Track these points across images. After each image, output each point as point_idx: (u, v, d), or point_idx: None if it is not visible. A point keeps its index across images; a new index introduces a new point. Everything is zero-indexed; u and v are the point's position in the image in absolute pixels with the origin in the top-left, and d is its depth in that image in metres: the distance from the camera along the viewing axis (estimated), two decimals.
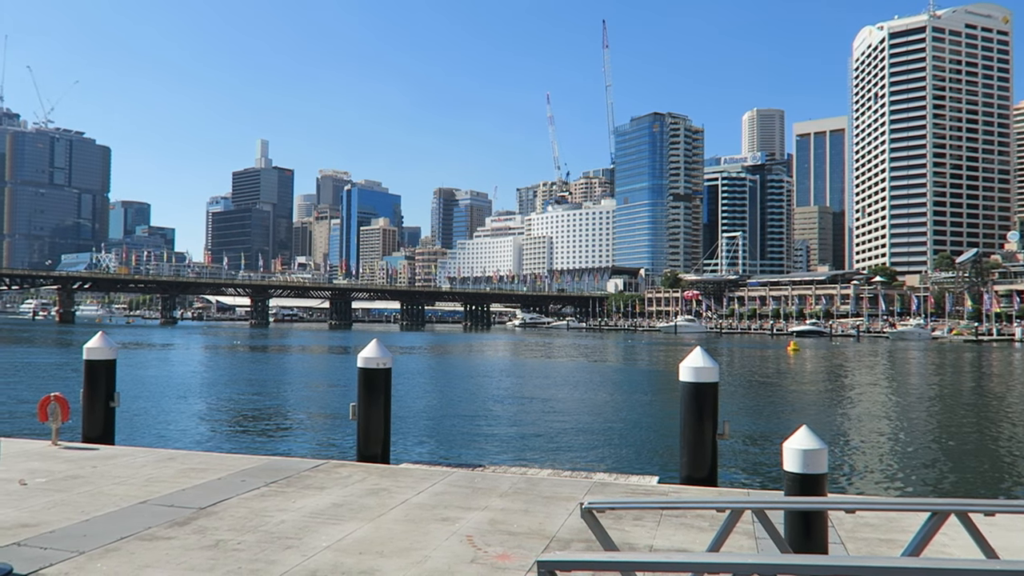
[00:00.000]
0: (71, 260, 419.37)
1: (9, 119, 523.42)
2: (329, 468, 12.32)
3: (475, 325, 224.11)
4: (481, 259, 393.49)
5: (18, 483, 10.66)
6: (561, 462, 20.69)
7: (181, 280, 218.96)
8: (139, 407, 30.66)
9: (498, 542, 8.24)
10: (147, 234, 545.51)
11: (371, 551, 7.86)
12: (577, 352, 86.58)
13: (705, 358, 11.68)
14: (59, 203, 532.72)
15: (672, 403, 35.24)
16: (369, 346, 13.52)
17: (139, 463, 12.46)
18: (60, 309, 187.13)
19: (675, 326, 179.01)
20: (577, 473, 13.47)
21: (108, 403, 14.90)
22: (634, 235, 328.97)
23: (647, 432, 27.52)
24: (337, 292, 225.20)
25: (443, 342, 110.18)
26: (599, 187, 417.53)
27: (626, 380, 51.07)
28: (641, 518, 9.27)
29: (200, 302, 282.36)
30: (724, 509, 6.09)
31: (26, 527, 8.58)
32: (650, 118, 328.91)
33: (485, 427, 28.02)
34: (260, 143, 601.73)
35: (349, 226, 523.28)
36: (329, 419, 29.86)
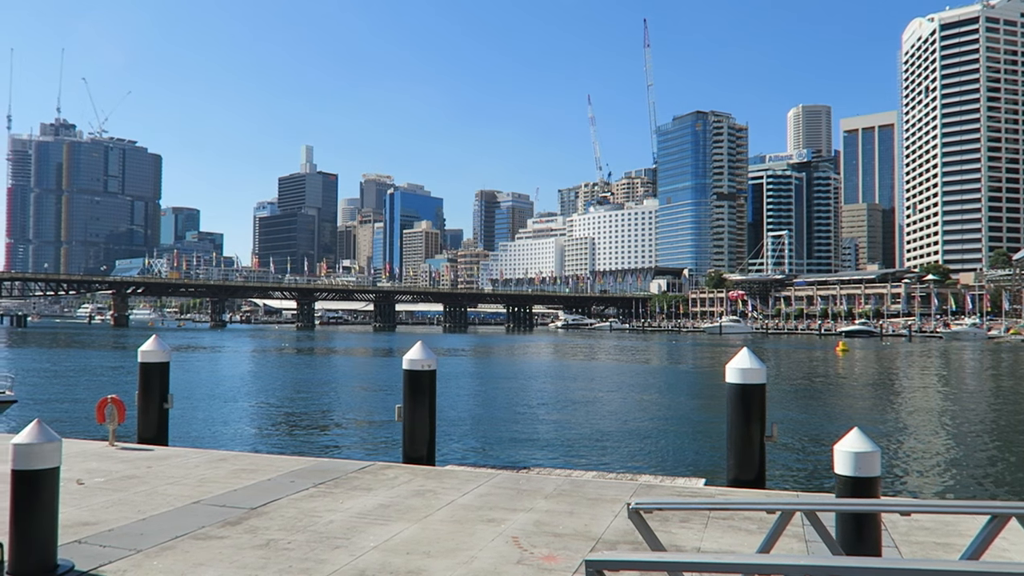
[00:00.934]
0: (125, 265, 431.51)
1: (66, 130, 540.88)
2: (376, 470, 12.46)
3: (517, 327, 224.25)
4: (523, 261, 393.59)
5: (76, 483, 11.01)
6: (606, 464, 20.60)
7: (229, 284, 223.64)
8: (191, 409, 31.39)
9: (544, 543, 8.24)
10: (197, 239, 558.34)
11: (418, 551, 7.93)
12: (620, 353, 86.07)
13: (752, 359, 11.51)
14: (113, 210, 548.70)
15: (718, 405, 34.82)
16: (414, 348, 13.63)
17: (192, 464, 12.77)
18: (115, 313, 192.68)
19: (720, 327, 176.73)
20: (622, 475, 13.39)
21: (162, 405, 15.30)
22: (677, 235, 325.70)
23: (692, 434, 27.21)
24: (381, 295, 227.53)
25: (486, 344, 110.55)
26: (641, 187, 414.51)
27: (670, 382, 50.59)
28: (688, 520, 9.18)
29: (248, 305, 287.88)
30: (774, 511, 6.01)
31: (86, 525, 8.86)
32: (692, 117, 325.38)
33: (529, 429, 28.02)
34: (305, 149, 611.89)
35: (392, 229, 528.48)
36: (374, 421, 30.19)
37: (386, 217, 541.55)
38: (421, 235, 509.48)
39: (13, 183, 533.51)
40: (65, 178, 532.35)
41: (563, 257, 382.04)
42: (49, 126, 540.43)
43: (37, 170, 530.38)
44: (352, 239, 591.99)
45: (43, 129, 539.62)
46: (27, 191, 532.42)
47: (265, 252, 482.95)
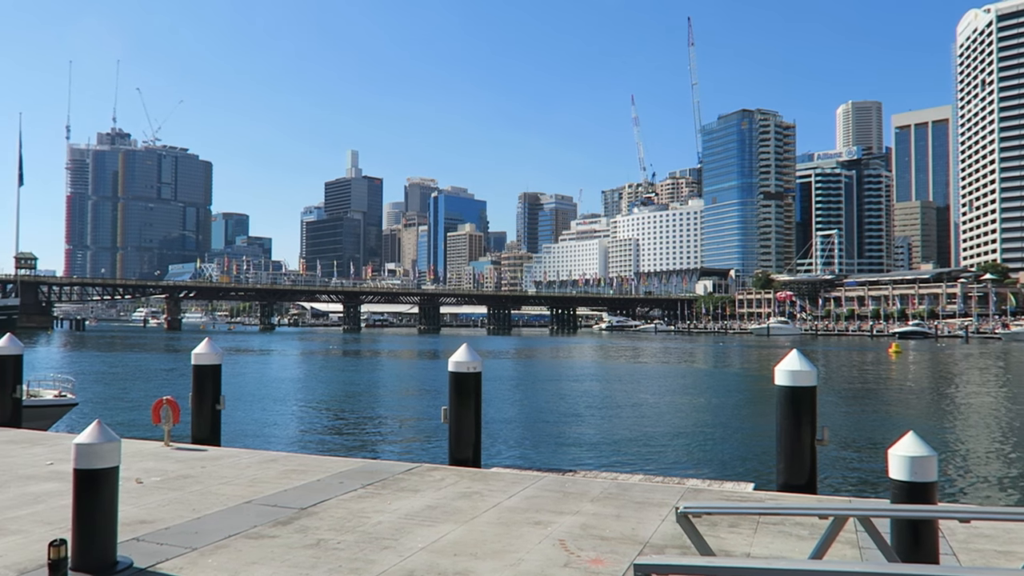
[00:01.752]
0: (177, 270, 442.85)
1: (121, 139, 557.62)
2: (422, 471, 12.57)
3: (561, 329, 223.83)
4: (567, 263, 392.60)
5: (135, 481, 11.33)
6: (652, 467, 20.43)
7: (278, 288, 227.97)
8: (242, 410, 32.05)
9: (591, 547, 8.21)
10: (246, 244, 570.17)
11: (465, 553, 7.97)
12: (666, 355, 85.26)
13: (802, 361, 11.30)
14: (166, 216, 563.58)
15: (766, 408, 34.25)
16: (459, 351, 13.70)
17: (244, 464, 13.04)
18: (168, 317, 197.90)
19: (768, 328, 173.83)
20: (669, 479, 13.27)
21: (214, 406, 15.66)
22: (723, 235, 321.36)
23: (740, 437, 26.82)
24: (426, 297, 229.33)
25: (530, 346, 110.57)
26: (686, 187, 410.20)
27: (718, 384, 49.93)
28: (737, 525, 9.06)
29: (296, 308, 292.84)
30: (827, 516, 5.90)
31: (144, 523, 9.12)
32: (738, 115, 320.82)
33: (574, 431, 27.95)
34: (350, 154, 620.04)
35: (436, 232, 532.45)
36: (420, 422, 30.42)
37: (430, 220, 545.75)
38: (465, 238, 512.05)
39: (72, 191, 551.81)
40: (120, 186, 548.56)
41: (607, 259, 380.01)
42: (105, 135, 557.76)
43: (94, 178, 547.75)
44: (397, 242, 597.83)
45: (100, 139, 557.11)
46: (85, 199, 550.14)
47: (312, 256, 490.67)
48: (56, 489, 10.89)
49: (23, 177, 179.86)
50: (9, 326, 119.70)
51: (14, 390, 18.73)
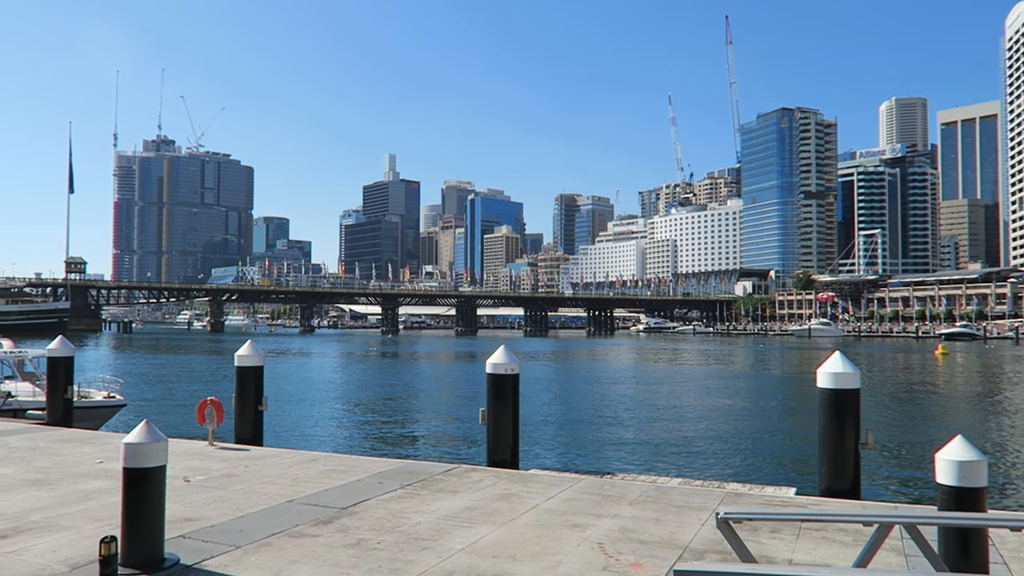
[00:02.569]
0: (220, 273, 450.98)
1: (166, 145, 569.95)
2: (461, 472, 12.63)
3: (598, 330, 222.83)
4: (604, 264, 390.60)
5: (182, 480, 11.59)
6: (691, 471, 20.24)
7: (317, 290, 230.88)
8: (283, 411, 32.54)
9: (630, 550, 8.17)
10: (286, 247, 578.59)
11: (504, 555, 7.99)
12: (705, 357, 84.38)
13: (845, 363, 11.11)
14: (209, 221, 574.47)
15: (808, 411, 33.69)
16: (497, 352, 13.74)
17: (285, 464, 13.25)
18: (211, 319, 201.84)
19: (809, 329, 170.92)
20: (708, 482, 13.14)
21: (257, 407, 15.93)
22: (763, 236, 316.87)
23: (781, 441, 26.42)
24: (463, 299, 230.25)
25: (567, 348, 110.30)
26: (724, 187, 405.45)
27: (758, 386, 49.27)
28: (779, 530, 8.93)
29: (335, 311, 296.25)
30: (871, 523, 5.79)
31: (189, 521, 9.32)
32: (778, 114, 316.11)
33: (612, 434, 27.82)
34: (388, 157, 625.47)
35: (473, 234, 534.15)
36: (458, 424, 30.56)
37: (467, 222, 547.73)
38: (501, 240, 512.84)
39: (119, 197, 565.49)
40: (166, 191, 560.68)
41: (644, 260, 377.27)
42: (151, 142, 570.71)
43: (140, 184, 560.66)
44: (434, 245, 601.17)
45: (146, 146, 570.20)
46: (132, 204, 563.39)
47: (351, 259, 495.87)
48: (106, 487, 11.19)
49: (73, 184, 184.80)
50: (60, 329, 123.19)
51: (66, 391, 19.30)
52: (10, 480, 11.72)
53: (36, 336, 79.38)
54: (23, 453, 14.17)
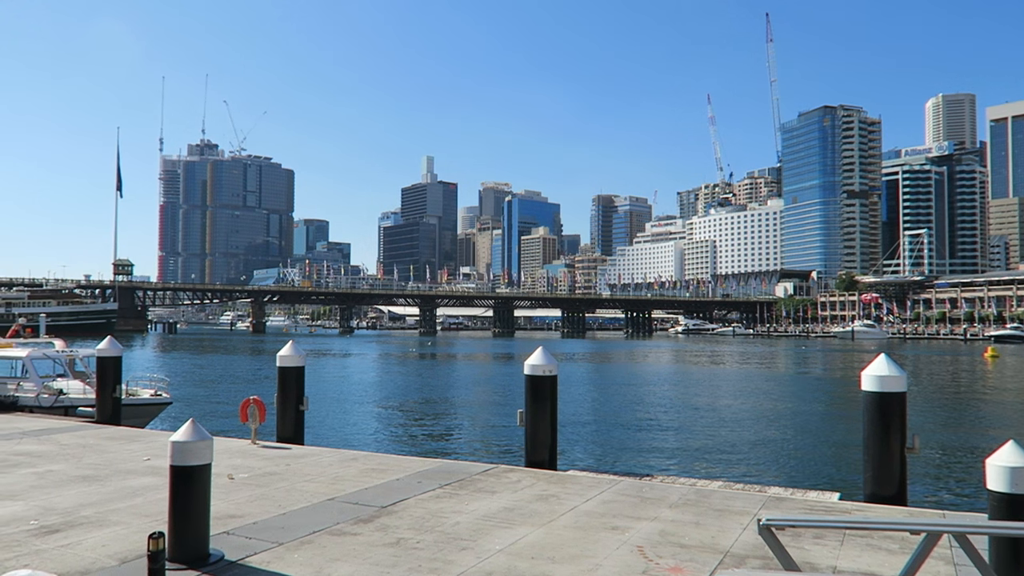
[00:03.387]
0: (261, 275, 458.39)
1: (210, 149, 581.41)
2: (499, 472, 12.65)
3: (636, 332, 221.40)
4: (641, 265, 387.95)
5: (227, 478, 11.81)
6: (731, 474, 20.00)
7: (356, 292, 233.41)
8: (324, 410, 32.95)
9: (669, 554, 8.10)
10: (326, 249, 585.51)
11: (543, 556, 7.99)
12: (745, 359, 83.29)
13: (891, 365, 10.88)
14: (251, 223, 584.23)
15: (851, 414, 33.05)
16: (535, 354, 13.74)
17: (326, 462, 13.42)
18: (253, 320, 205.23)
19: (852, 331, 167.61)
20: (750, 486, 12.96)
21: (298, 406, 16.16)
22: (804, 236, 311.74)
23: (824, 445, 25.97)
24: (500, 301, 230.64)
25: (605, 349, 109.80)
26: (765, 187, 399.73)
27: (799, 389, 48.48)
28: (822, 536, 8.77)
29: (374, 312, 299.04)
30: (919, 532, 5.66)
31: (233, 518, 9.49)
32: (820, 112, 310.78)
33: (650, 436, 27.62)
34: (426, 159, 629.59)
35: (510, 236, 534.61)
36: (496, 424, 30.62)
37: (504, 224, 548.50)
38: (539, 241, 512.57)
39: (165, 200, 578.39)
40: (209, 194, 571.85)
41: (683, 261, 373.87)
42: (195, 147, 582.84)
43: (185, 188, 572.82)
44: (471, 246, 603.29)
45: (190, 150, 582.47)
46: (176, 208, 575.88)
47: (389, 260, 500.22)
48: (153, 483, 11.45)
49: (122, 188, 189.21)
50: (108, 329, 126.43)
51: (114, 390, 19.81)
52: (62, 476, 12.07)
53: (85, 336, 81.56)
54: (74, 450, 14.58)
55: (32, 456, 13.88)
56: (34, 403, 22.33)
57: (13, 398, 22.47)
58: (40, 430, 17.23)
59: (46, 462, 13.27)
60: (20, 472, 12.34)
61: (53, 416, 20.92)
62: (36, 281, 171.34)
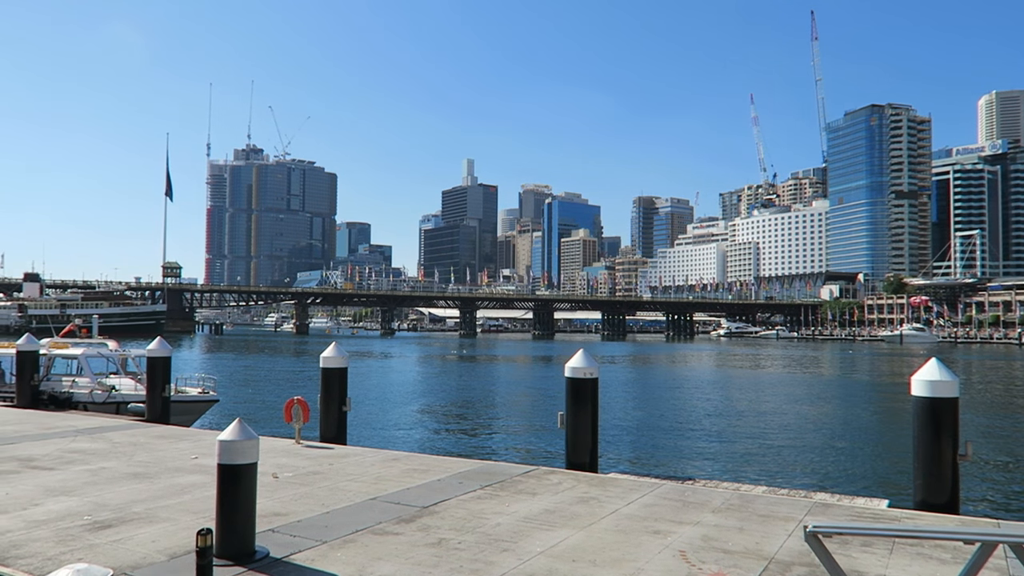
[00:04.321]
0: (305, 277, 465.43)
1: (255, 154, 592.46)
2: (539, 474, 12.64)
3: (678, 335, 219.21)
4: (683, 267, 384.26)
5: (271, 476, 12.00)
6: (776, 479, 19.68)
7: (398, 294, 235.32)
8: (366, 411, 33.29)
9: (712, 559, 8.00)
10: (368, 252, 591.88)
11: (584, 559, 7.95)
12: (789, 363, 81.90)
13: (942, 370, 10.61)
14: (295, 226, 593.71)
15: (899, 420, 32.30)
16: (576, 356, 13.70)
17: (368, 462, 13.56)
18: (296, 322, 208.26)
19: (900, 335, 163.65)
20: (795, 491, 12.73)
21: (341, 407, 16.35)
22: (850, 237, 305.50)
23: (872, 451, 25.40)
24: (540, 303, 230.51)
25: (645, 352, 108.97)
26: (809, 188, 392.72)
27: (846, 394, 47.50)
28: (870, 544, 8.58)
29: (414, 314, 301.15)
30: (973, 541, 5.50)
31: (278, 516, 9.64)
32: (867, 111, 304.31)
33: (692, 439, 27.33)
34: (466, 162, 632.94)
35: (550, 238, 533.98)
36: (536, 426, 30.59)
37: (544, 226, 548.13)
38: (579, 243, 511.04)
39: (212, 204, 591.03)
40: (254, 198, 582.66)
41: (725, 263, 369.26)
42: (241, 151, 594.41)
43: (231, 192, 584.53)
44: (511, 249, 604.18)
45: (236, 154, 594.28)
46: (223, 211, 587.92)
47: (430, 263, 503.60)
48: (200, 481, 11.70)
49: (172, 192, 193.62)
50: (157, 330, 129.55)
51: (164, 389, 20.31)
52: (114, 473, 12.40)
53: (136, 337, 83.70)
54: (125, 448, 14.97)
55: (86, 453, 14.29)
56: (88, 399, 23.07)
57: (68, 394, 23.24)
58: (93, 428, 17.74)
59: (99, 459, 13.65)
60: (75, 469, 12.72)
61: (106, 414, 21.53)
62: (89, 284, 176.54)
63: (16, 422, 18.62)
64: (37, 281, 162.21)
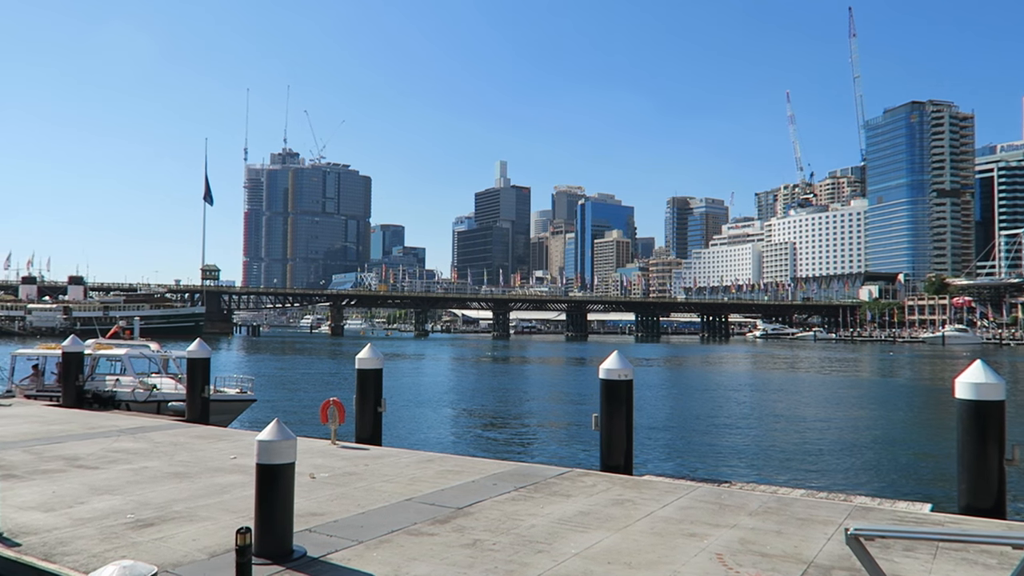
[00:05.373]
0: (340, 280, 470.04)
1: (291, 158, 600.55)
2: (574, 476, 12.61)
3: (712, 336, 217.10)
4: (718, 268, 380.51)
5: (308, 477, 12.14)
6: (814, 482, 19.38)
7: (431, 296, 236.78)
8: (400, 412, 33.51)
9: (750, 563, 7.90)
10: (402, 254, 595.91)
11: (619, 561, 7.91)
12: (828, 365, 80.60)
13: (988, 372, 10.36)
14: (330, 229, 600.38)
15: (943, 423, 31.61)
16: (610, 357, 13.63)
17: (403, 463, 13.65)
18: (331, 323, 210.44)
19: (943, 336, 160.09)
20: (834, 495, 12.52)
21: (376, 408, 16.48)
22: (890, 237, 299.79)
23: (914, 454, 24.89)
24: (573, 304, 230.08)
25: (680, 353, 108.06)
26: (847, 187, 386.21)
27: (886, 396, 46.60)
28: (913, 549, 8.40)
29: (448, 315, 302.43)
30: (1022, 546, 5.35)
31: (315, 516, 9.76)
32: (907, 108, 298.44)
33: (728, 442, 27.04)
34: (499, 164, 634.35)
35: (583, 239, 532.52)
36: (570, 428, 30.52)
37: (577, 227, 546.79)
38: (612, 244, 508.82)
39: (249, 208, 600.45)
40: (290, 201, 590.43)
41: (761, 264, 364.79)
42: (277, 155, 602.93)
43: (268, 195, 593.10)
44: (544, 250, 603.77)
45: (272, 159, 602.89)
46: (260, 215, 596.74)
47: (463, 265, 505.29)
48: (239, 481, 11.88)
49: (211, 196, 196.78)
50: (196, 332, 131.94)
51: (203, 390, 20.68)
52: (156, 472, 12.66)
53: (176, 338, 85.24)
54: (166, 448, 15.27)
55: (128, 453, 14.60)
56: (130, 398, 23.64)
57: (112, 392, 23.82)
58: (135, 428, 18.12)
59: (141, 459, 13.94)
60: (118, 468, 13.00)
61: (147, 414, 22.00)
62: (131, 286, 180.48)
63: (62, 421, 19.11)
64: (81, 284, 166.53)
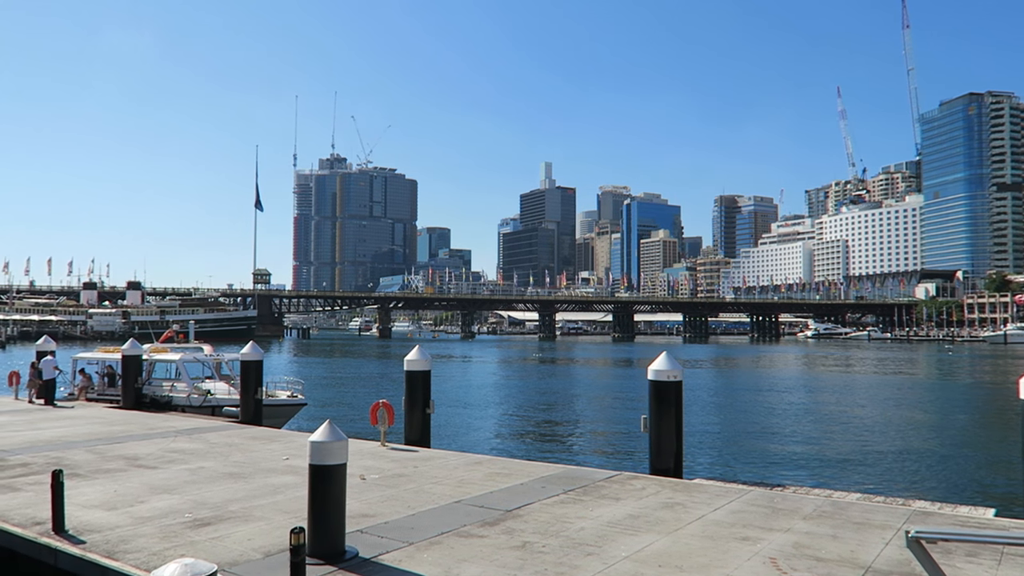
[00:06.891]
0: (387, 282, 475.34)
1: (338, 163, 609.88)
2: (623, 479, 12.53)
3: (762, 337, 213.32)
4: (767, 267, 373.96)
5: (359, 478, 12.30)
6: (869, 486, 18.91)
7: (477, 297, 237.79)
8: (448, 414, 33.71)
9: (805, 567, 7.74)
10: (448, 256, 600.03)
11: (670, 564, 7.83)
12: (882, 365, 78.54)
13: None
14: (377, 232, 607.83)
15: (1006, 425, 30.52)
16: (659, 358, 13.50)
17: (452, 465, 13.72)
18: (379, 326, 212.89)
19: (1004, 335, 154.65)
20: (891, 499, 12.20)
21: (425, 410, 16.61)
22: (947, 233, 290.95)
23: (976, 458, 24.09)
24: (619, 305, 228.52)
25: (729, 354, 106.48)
26: (902, 182, 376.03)
27: (946, 398, 45.22)
28: (975, 554, 8.13)
29: (494, 317, 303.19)
30: None
31: (366, 517, 9.88)
32: (964, 100, 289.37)
33: (780, 444, 26.55)
34: (544, 165, 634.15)
35: (629, 240, 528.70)
36: (618, 430, 30.32)
37: (623, 227, 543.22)
38: (658, 244, 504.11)
39: (298, 212, 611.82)
40: (338, 206, 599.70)
41: (812, 262, 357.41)
42: (325, 161, 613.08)
43: (316, 200, 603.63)
44: (590, 251, 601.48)
45: (320, 164, 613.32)
46: (309, 219, 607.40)
47: (508, 266, 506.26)
48: (292, 482, 12.09)
49: (261, 202, 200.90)
50: (249, 335, 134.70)
51: (256, 392, 21.08)
52: (212, 473, 12.96)
53: (229, 341, 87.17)
54: (221, 448, 15.63)
55: (185, 453, 14.98)
56: (185, 403, 24.17)
57: (168, 397, 24.41)
58: (191, 429, 18.59)
59: (197, 459, 14.30)
60: (175, 468, 13.35)
61: (202, 416, 22.52)
62: (186, 291, 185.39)
63: (123, 422, 19.71)
64: (139, 289, 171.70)
